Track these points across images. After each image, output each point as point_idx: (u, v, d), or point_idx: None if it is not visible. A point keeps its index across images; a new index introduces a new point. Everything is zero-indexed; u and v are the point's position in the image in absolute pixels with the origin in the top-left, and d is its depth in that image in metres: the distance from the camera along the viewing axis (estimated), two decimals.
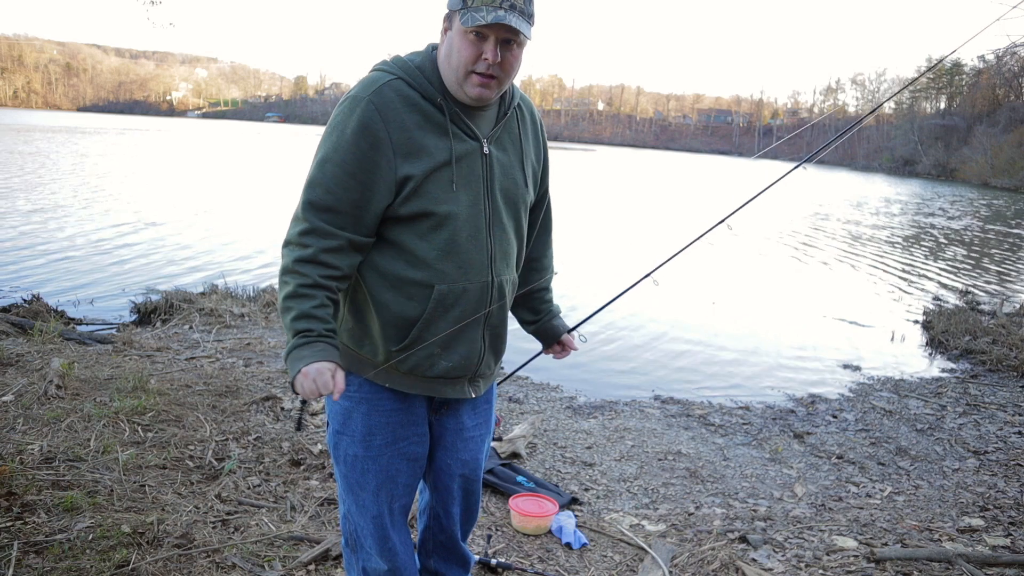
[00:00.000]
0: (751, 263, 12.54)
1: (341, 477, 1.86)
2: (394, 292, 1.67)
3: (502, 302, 1.80)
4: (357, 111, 1.58)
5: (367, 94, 1.59)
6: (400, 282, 1.66)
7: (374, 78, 1.64)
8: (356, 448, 1.79)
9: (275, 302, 7.00)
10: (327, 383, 1.54)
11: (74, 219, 12.40)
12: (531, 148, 1.84)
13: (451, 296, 1.67)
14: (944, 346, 7.41)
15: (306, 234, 1.60)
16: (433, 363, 1.73)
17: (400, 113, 1.60)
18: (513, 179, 1.77)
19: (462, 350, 1.75)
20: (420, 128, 1.61)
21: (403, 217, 1.63)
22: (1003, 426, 4.99)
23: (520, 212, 1.81)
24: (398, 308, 1.67)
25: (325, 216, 1.59)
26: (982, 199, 36.99)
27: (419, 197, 1.61)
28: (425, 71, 1.65)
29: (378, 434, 1.78)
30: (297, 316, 1.57)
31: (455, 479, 1.98)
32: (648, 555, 2.94)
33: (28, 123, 59.89)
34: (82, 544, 2.54)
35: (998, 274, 13.05)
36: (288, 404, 4.21)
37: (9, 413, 3.60)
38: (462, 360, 1.76)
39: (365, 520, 1.86)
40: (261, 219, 14.11)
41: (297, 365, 1.55)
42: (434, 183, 1.62)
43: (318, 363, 1.54)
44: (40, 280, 8.18)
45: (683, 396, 5.58)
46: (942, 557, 2.89)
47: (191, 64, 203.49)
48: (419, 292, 1.66)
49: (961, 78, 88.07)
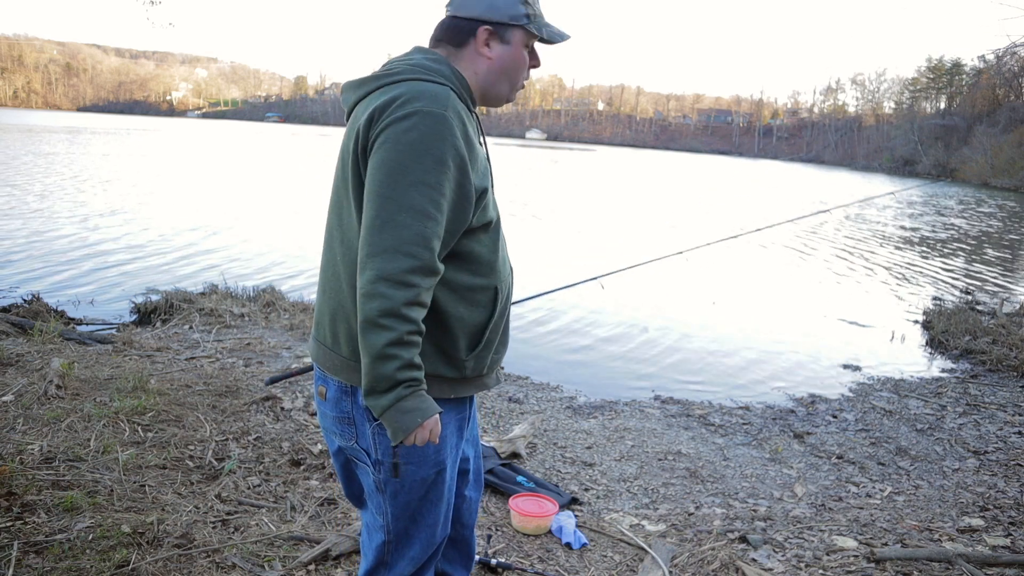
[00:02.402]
0: (751, 263, 12.54)
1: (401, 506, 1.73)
2: (466, 304, 1.65)
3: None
4: (441, 130, 1.50)
5: (444, 110, 1.52)
6: (468, 291, 1.65)
7: (439, 91, 1.55)
8: (425, 470, 1.70)
9: (275, 302, 6.99)
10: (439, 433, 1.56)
11: (74, 219, 12.40)
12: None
13: (506, 293, 1.74)
14: (944, 346, 7.41)
15: (415, 272, 1.48)
16: (493, 362, 1.78)
17: (464, 127, 1.57)
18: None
19: (506, 339, 1.81)
20: (473, 140, 1.61)
21: (472, 229, 1.61)
22: (1003, 426, 4.99)
23: None
24: (472, 318, 1.66)
25: (432, 247, 1.50)
26: (982, 199, 36.99)
27: (485, 208, 1.63)
28: (461, 81, 1.66)
29: (443, 448, 1.72)
30: (403, 366, 1.49)
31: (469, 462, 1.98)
32: (648, 555, 2.94)
33: (28, 123, 59.90)
34: (82, 544, 2.54)
35: (998, 274, 13.06)
36: (288, 404, 4.21)
37: (9, 413, 3.60)
38: (505, 349, 1.82)
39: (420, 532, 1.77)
40: (261, 219, 14.11)
41: (412, 417, 1.50)
42: (488, 192, 1.66)
43: (435, 415, 1.53)
44: (40, 280, 8.18)
45: (683, 396, 5.58)
46: (942, 557, 2.89)
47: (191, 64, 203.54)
48: (484, 297, 1.67)
49: (961, 78, 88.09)
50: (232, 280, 7.84)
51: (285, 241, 11.61)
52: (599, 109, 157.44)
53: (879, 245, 16.19)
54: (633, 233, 15.70)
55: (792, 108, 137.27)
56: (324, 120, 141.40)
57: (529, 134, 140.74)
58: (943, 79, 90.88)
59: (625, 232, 15.80)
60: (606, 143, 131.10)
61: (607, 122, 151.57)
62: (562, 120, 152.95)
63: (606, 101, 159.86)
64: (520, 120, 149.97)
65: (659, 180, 38.38)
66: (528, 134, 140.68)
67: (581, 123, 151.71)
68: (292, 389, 4.53)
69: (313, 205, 15.83)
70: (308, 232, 12.29)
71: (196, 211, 14.50)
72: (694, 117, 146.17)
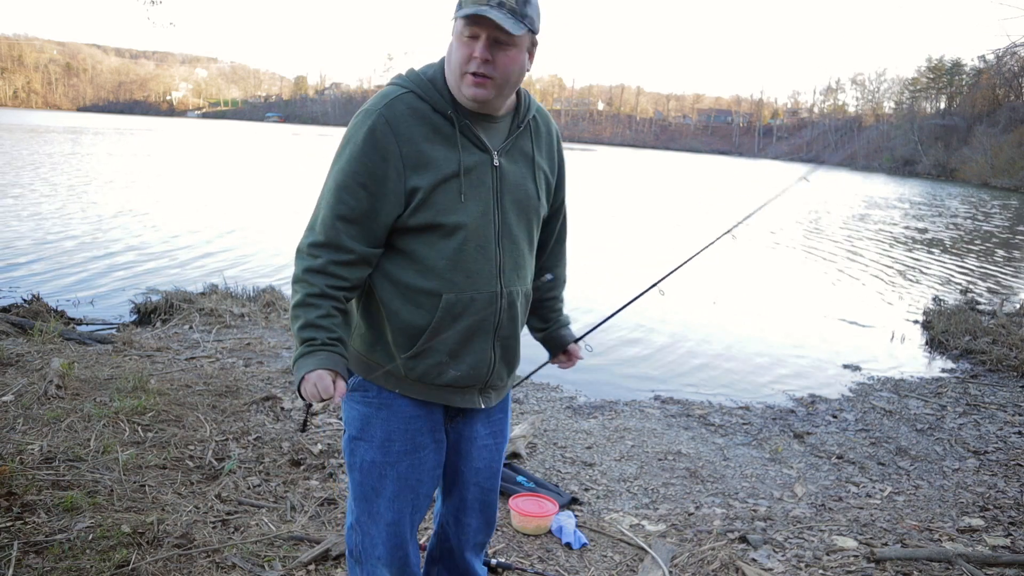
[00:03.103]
0: (752, 263, 12.54)
1: (355, 484, 1.83)
2: (403, 300, 1.69)
3: (512, 313, 1.79)
4: (368, 124, 1.63)
5: (379, 107, 1.64)
6: (409, 291, 1.69)
7: (386, 92, 1.68)
8: (374, 453, 1.78)
9: (275, 302, 7.02)
10: (327, 387, 1.58)
11: (74, 219, 12.40)
12: (544, 160, 1.84)
13: (459, 305, 1.68)
14: (944, 346, 7.41)
15: (317, 246, 1.65)
16: (441, 372, 1.73)
17: (410, 126, 1.63)
18: (525, 191, 1.78)
19: (471, 360, 1.75)
20: (428, 140, 1.64)
21: (413, 228, 1.66)
22: (1003, 426, 4.99)
23: (532, 224, 1.82)
24: (408, 316, 1.69)
25: (336, 227, 1.64)
26: (982, 199, 36.99)
27: (428, 208, 1.64)
28: (436, 83, 1.68)
29: (397, 440, 1.77)
30: (304, 325, 1.63)
31: (469, 487, 1.96)
32: (648, 555, 2.94)
33: (28, 123, 59.90)
34: (82, 544, 2.54)
35: (998, 274, 13.06)
36: (288, 404, 4.21)
37: (9, 413, 3.60)
38: (471, 370, 1.75)
39: (378, 528, 1.83)
40: (261, 219, 14.11)
41: (301, 371, 1.60)
42: (442, 194, 1.64)
43: (319, 370, 1.59)
44: (40, 280, 8.18)
45: (683, 396, 5.58)
46: (942, 557, 2.89)
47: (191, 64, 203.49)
48: (428, 301, 1.68)
49: (961, 78, 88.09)
50: (232, 280, 7.84)
51: (285, 241, 11.61)
52: (599, 109, 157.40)
53: (879, 245, 16.19)
54: (638, 237, 15.69)
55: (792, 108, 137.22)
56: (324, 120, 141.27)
57: None
58: (943, 79, 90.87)
59: (630, 236, 15.79)
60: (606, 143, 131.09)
61: (607, 122, 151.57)
62: (562, 120, 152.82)
63: (606, 101, 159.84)
64: None
65: (659, 180, 38.37)
66: None
67: (581, 123, 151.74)
68: (292, 389, 4.53)
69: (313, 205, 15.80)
70: None
71: (196, 211, 14.50)
72: (694, 117, 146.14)
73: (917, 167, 69.11)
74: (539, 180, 1.81)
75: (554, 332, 2.10)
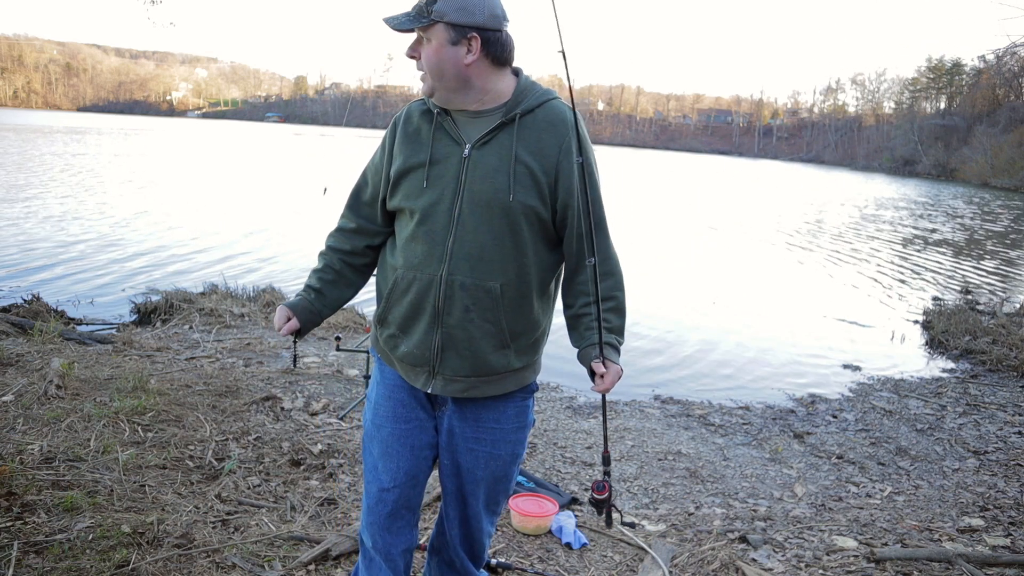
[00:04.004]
0: (752, 263, 12.54)
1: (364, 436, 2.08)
2: (382, 272, 1.96)
3: (458, 303, 1.76)
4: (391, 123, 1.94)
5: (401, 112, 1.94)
6: (385, 264, 1.95)
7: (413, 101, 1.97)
8: (369, 413, 2.01)
9: (275, 302, 7.03)
10: (279, 320, 1.96)
11: (74, 219, 12.40)
12: (531, 156, 1.75)
13: (403, 283, 1.85)
14: (944, 346, 7.41)
15: (340, 217, 2.05)
16: (396, 344, 1.90)
17: (408, 123, 1.88)
18: (492, 183, 1.73)
19: (416, 339, 1.85)
20: (415, 134, 1.85)
21: (391, 210, 1.92)
22: (1003, 426, 4.99)
23: (501, 216, 1.74)
24: (380, 286, 1.95)
25: (347, 202, 2.02)
26: (984, 199, 36.99)
27: (397, 193, 1.86)
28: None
29: (383, 404, 1.97)
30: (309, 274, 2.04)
31: (449, 478, 1.98)
32: (648, 555, 2.94)
33: (28, 123, 59.90)
34: (82, 544, 2.54)
35: (998, 274, 13.06)
36: (288, 404, 4.22)
37: (9, 413, 3.60)
38: (415, 348, 1.86)
39: (370, 488, 2.01)
40: (261, 219, 14.10)
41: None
42: (408, 181, 1.83)
43: (281, 305, 1.98)
44: (40, 280, 8.19)
45: (683, 396, 5.58)
46: (942, 557, 2.89)
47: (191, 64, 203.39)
48: (392, 274, 1.89)
49: (961, 78, 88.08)
50: (232, 280, 7.84)
51: (285, 241, 11.61)
52: (599, 109, 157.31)
53: (879, 245, 16.19)
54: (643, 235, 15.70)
55: (792, 108, 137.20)
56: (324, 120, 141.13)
57: None
58: (943, 79, 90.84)
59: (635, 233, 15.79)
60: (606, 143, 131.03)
61: (607, 122, 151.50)
62: None
63: (606, 101, 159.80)
64: None
65: (659, 180, 38.36)
66: None
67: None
68: (292, 389, 4.53)
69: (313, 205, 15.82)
70: (309, 232, 12.28)
71: (197, 211, 14.50)
72: (694, 117, 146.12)
73: (917, 167, 69.08)
74: (516, 174, 1.74)
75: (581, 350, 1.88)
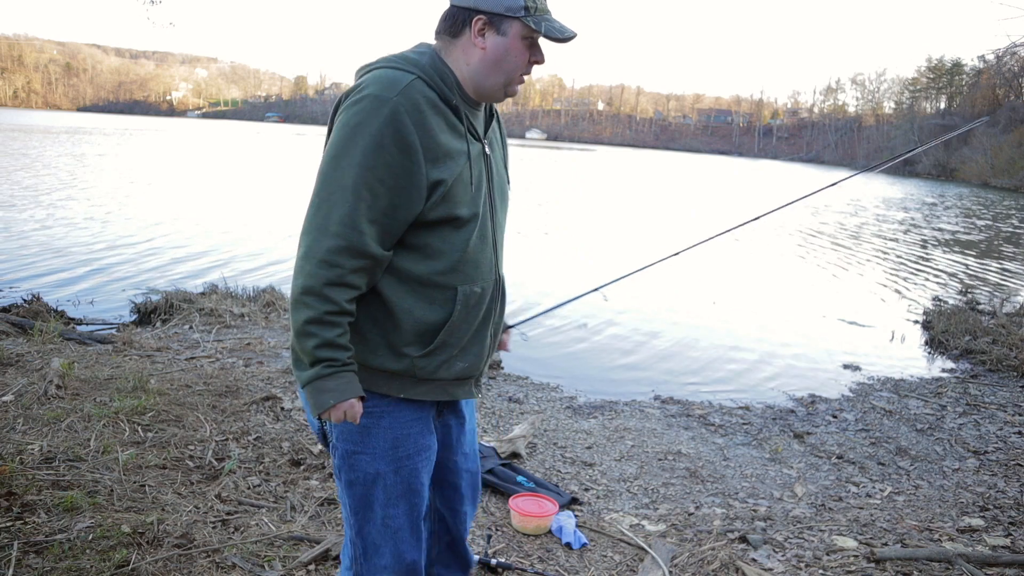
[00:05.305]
0: (752, 263, 12.54)
1: (357, 498, 1.73)
2: (416, 297, 1.62)
3: (504, 299, 1.84)
4: (384, 113, 1.51)
5: (393, 95, 1.52)
6: (423, 287, 1.62)
7: (395, 77, 1.55)
8: (379, 464, 1.70)
9: (275, 302, 6.99)
10: (356, 416, 1.59)
11: (74, 219, 12.40)
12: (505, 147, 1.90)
13: (472, 297, 1.66)
14: (944, 346, 7.41)
15: (338, 252, 1.51)
16: (452, 365, 1.70)
17: (426, 116, 1.55)
18: (503, 177, 1.83)
19: (475, 350, 1.74)
20: (443, 131, 1.58)
21: (429, 222, 1.59)
22: (1003, 426, 4.99)
23: (507, 209, 1.87)
24: (422, 313, 1.63)
25: (359, 229, 1.51)
26: (982, 199, 36.99)
27: (446, 201, 1.59)
28: (440, 71, 1.62)
29: (402, 445, 1.71)
30: (321, 344, 1.53)
31: (462, 475, 1.97)
32: (648, 555, 2.94)
33: (28, 123, 59.89)
34: (82, 544, 2.54)
35: (998, 274, 13.06)
36: (288, 404, 4.21)
37: (9, 413, 3.60)
38: (475, 360, 1.74)
39: (385, 537, 1.75)
40: (261, 219, 14.11)
41: (326, 398, 1.55)
42: (457, 186, 1.60)
43: (352, 399, 1.57)
44: (40, 280, 8.18)
45: (683, 396, 5.58)
46: (942, 557, 2.89)
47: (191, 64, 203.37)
48: (442, 295, 1.63)
49: (961, 78, 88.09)
50: (232, 280, 7.83)
51: (285, 241, 11.61)
52: (599, 109, 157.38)
53: (879, 245, 16.19)
54: (634, 234, 15.69)
55: (792, 108, 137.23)
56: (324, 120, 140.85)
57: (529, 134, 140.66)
58: (943, 79, 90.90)
59: (626, 232, 15.79)
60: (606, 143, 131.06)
61: (607, 122, 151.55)
62: (562, 120, 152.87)
63: (606, 101, 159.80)
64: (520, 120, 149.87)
65: (659, 180, 38.37)
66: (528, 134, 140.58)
67: (581, 123, 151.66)
68: (292, 389, 4.53)
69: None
70: None
71: (197, 211, 14.49)
72: (694, 117, 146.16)
73: (917, 167, 69.03)
74: (508, 166, 1.88)
75: None
